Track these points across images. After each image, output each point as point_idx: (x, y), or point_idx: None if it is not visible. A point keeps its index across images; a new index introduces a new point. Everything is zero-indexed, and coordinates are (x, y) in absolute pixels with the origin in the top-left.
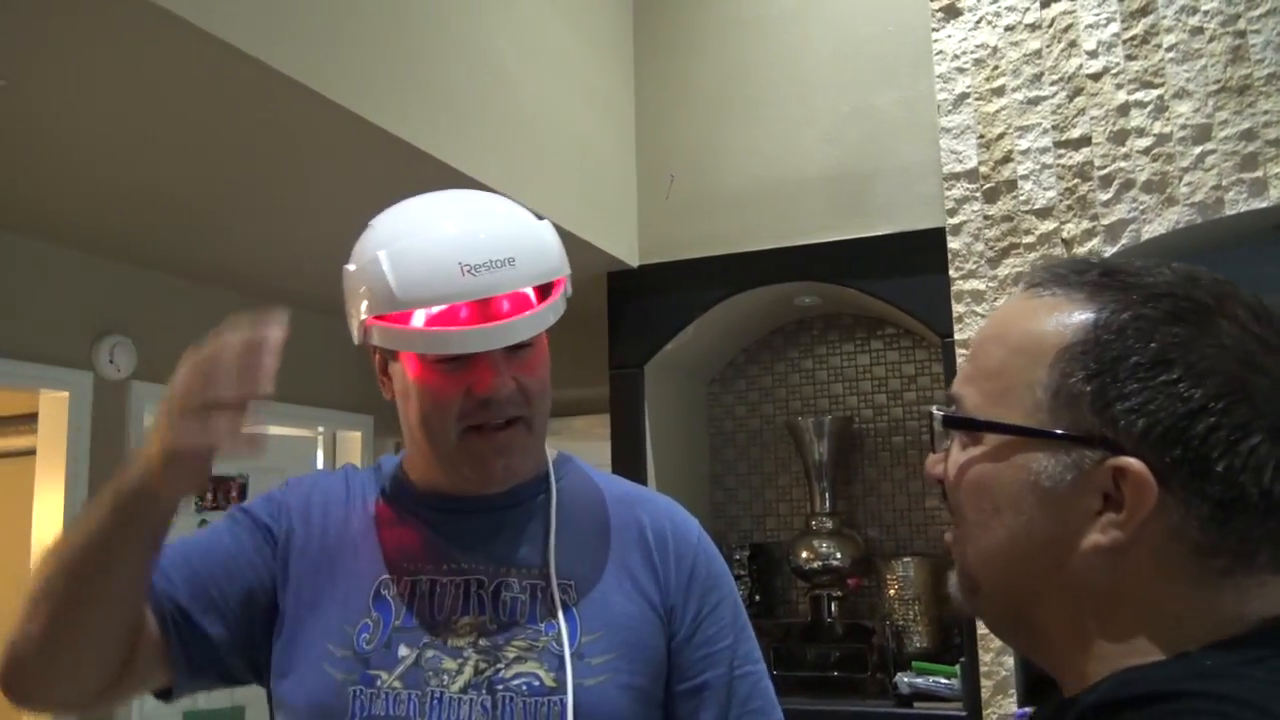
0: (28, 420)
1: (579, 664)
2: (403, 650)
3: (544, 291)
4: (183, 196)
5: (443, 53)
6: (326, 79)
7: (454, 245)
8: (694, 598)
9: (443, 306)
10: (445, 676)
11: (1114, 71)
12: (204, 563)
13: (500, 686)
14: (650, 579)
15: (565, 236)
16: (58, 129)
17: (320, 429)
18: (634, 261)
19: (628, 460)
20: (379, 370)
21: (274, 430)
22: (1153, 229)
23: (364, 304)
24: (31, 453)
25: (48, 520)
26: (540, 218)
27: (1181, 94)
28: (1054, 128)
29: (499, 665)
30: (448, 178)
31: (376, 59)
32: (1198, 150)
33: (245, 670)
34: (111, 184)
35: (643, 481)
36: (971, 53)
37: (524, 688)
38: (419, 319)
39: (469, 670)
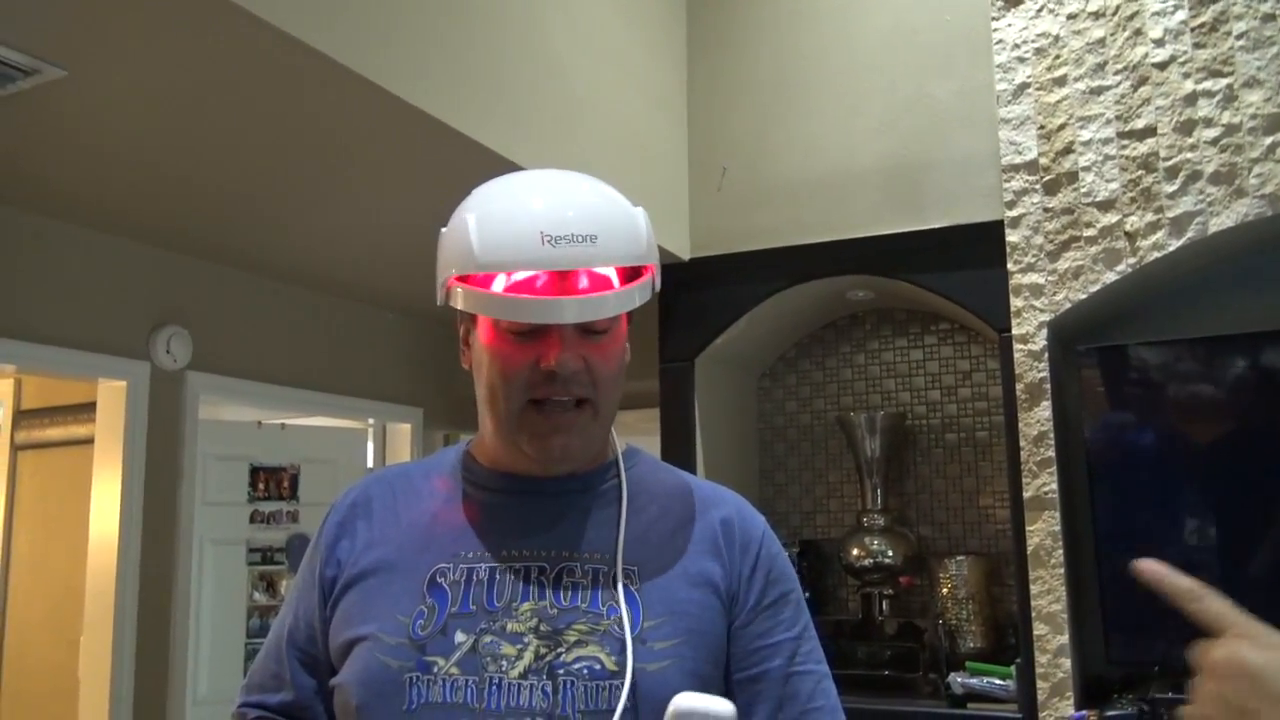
0: (86, 409)
1: (641, 648)
2: (459, 636)
3: (628, 279)
4: (239, 188)
5: (496, 43)
6: (381, 67)
7: (539, 215)
8: (755, 588)
9: (522, 276)
10: (504, 662)
11: (1181, 60)
12: (290, 655)
13: (561, 670)
14: (715, 566)
15: None
16: (116, 119)
17: (370, 421)
18: (685, 254)
19: (677, 455)
20: (461, 339)
21: (324, 422)
22: (1220, 222)
23: (446, 266)
24: (89, 441)
25: (105, 508)
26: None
27: (1252, 83)
28: (1117, 118)
29: (560, 649)
30: (499, 168)
31: (431, 48)
32: (1268, 140)
33: None
34: (168, 175)
35: None
36: (1032, 42)
37: (585, 671)
38: (498, 286)
39: (529, 655)
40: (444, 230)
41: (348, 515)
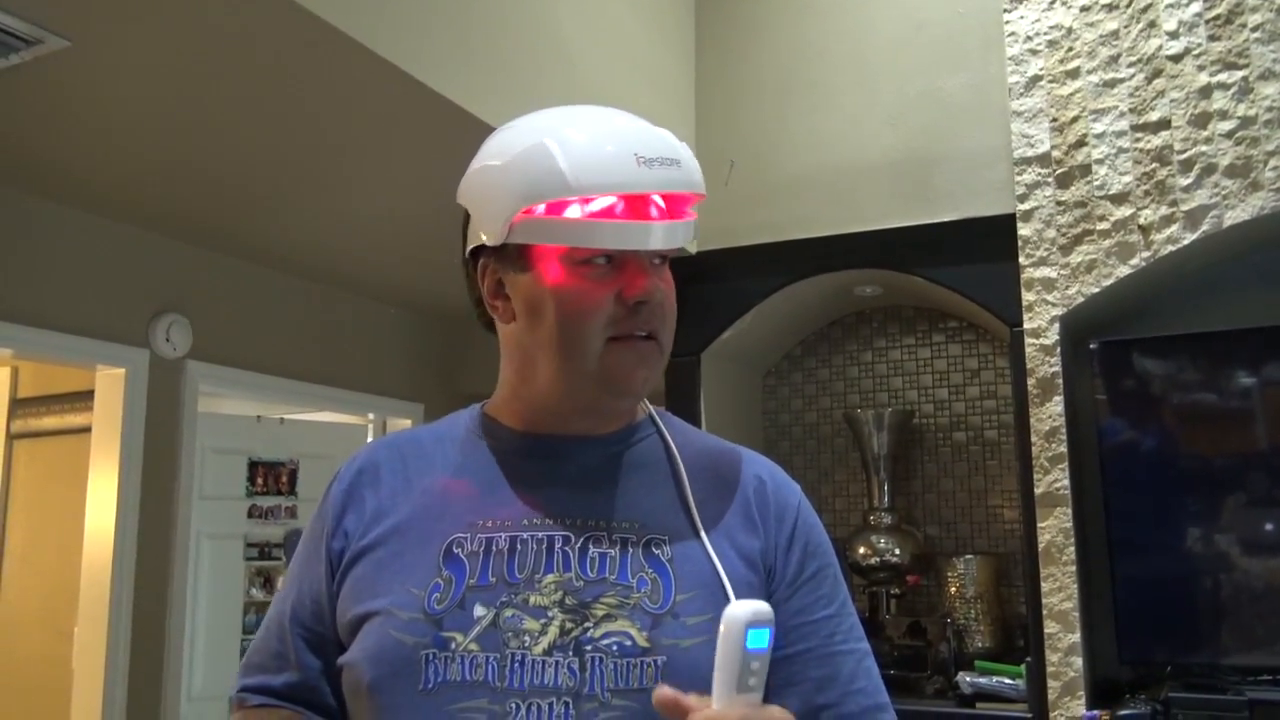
0: (82, 398)
1: (673, 623)
2: (479, 610)
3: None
4: (244, 173)
5: (503, 20)
6: (388, 41)
7: (630, 136)
8: (793, 561)
9: (600, 205)
10: (527, 638)
11: (1195, 52)
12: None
13: (589, 647)
14: (749, 537)
15: None
16: (120, 94)
17: (370, 416)
18: (692, 248)
19: None
20: (489, 294)
21: (324, 417)
22: (1235, 215)
23: (517, 196)
24: (85, 431)
25: (101, 499)
26: None
27: (1267, 75)
28: (1131, 110)
29: (587, 624)
30: None
31: (436, 23)
32: None
33: None
34: (173, 158)
35: None
36: (1045, 34)
37: (614, 648)
38: (573, 213)
39: (554, 630)
40: (494, 163)
41: (354, 483)
